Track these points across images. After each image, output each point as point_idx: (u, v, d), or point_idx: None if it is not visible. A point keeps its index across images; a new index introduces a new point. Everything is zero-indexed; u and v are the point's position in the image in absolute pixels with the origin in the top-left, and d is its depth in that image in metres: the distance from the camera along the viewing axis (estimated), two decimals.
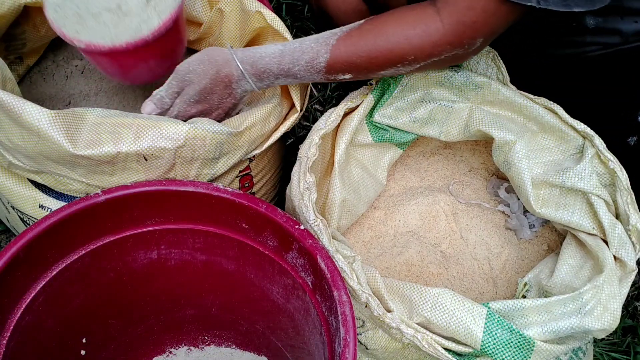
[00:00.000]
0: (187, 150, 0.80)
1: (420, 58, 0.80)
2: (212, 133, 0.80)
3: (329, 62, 0.82)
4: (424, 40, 0.78)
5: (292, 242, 0.77)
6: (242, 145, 0.86)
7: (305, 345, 0.86)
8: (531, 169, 0.87)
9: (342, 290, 0.71)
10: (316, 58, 0.82)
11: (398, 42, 0.79)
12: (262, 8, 0.95)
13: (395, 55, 0.79)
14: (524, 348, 0.73)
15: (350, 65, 0.81)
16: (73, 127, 0.76)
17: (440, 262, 0.98)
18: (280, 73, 0.83)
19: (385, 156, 0.96)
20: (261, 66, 0.83)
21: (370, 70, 0.82)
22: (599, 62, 0.93)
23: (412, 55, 0.79)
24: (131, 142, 0.77)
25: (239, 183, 0.95)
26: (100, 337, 0.89)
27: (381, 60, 0.80)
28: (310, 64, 0.82)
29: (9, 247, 0.71)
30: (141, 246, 0.85)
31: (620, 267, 0.80)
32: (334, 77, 0.84)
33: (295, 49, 0.83)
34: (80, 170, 0.80)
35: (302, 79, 0.84)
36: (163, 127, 0.78)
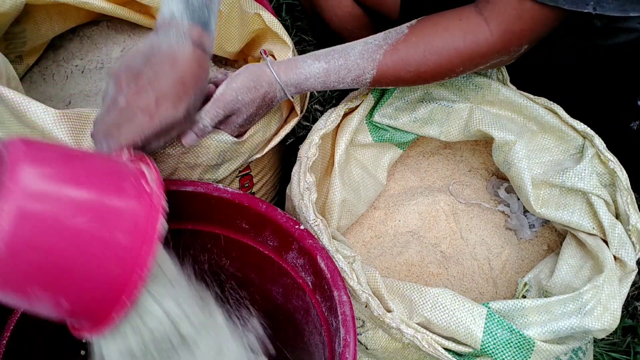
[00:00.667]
0: (191, 157, 0.81)
1: (468, 68, 0.79)
2: (216, 142, 0.80)
3: (375, 78, 0.80)
4: (474, 52, 0.77)
5: (292, 242, 0.77)
6: (245, 152, 0.86)
7: (306, 345, 0.86)
8: (531, 169, 0.87)
9: (342, 290, 0.70)
10: (362, 75, 0.80)
11: (448, 56, 0.77)
12: (260, 10, 0.94)
13: (444, 68, 0.78)
14: (524, 348, 0.73)
15: (397, 79, 0.80)
16: (78, 127, 0.76)
17: (440, 262, 0.98)
18: (324, 89, 0.83)
19: (385, 156, 0.96)
20: (305, 87, 0.80)
21: (416, 82, 0.81)
22: (607, 57, 0.92)
23: (461, 67, 0.78)
24: None
25: (239, 183, 0.95)
26: None
27: (429, 74, 0.79)
28: (355, 81, 0.80)
29: None
30: None
31: (620, 267, 0.80)
32: (375, 86, 0.83)
33: (341, 67, 0.79)
34: None
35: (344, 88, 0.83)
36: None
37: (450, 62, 0.78)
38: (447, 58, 0.77)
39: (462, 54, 0.77)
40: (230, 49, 1.00)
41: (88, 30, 1.09)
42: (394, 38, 0.79)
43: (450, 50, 0.77)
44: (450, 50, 0.77)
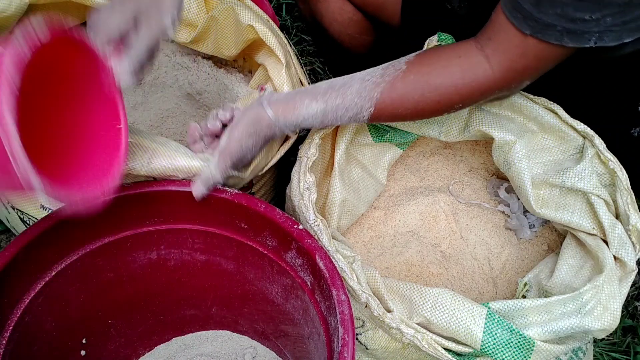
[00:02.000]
0: None
1: (467, 104, 0.78)
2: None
3: (373, 115, 0.79)
4: (473, 89, 0.76)
5: (291, 242, 0.77)
6: (247, 178, 0.87)
7: (305, 344, 0.86)
8: (531, 169, 0.87)
9: (341, 290, 0.70)
10: (360, 112, 0.79)
11: (447, 94, 0.77)
12: (254, 21, 0.94)
13: (443, 105, 0.78)
14: (524, 348, 0.73)
15: (395, 115, 0.80)
16: None
17: (440, 262, 0.98)
18: (323, 127, 0.84)
19: (385, 156, 0.96)
20: (304, 126, 0.81)
21: (414, 118, 0.81)
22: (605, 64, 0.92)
23: (460, 103, 0.78)
24: (144, 164, 0.77)
25: None
26: (100, 337, 0.90)
27: (427, 111, 0.79)
28: (353, 118, 0.80)
29: (8, 248, 0.71)
30: (140, 246, 0.85)
31: (620, 267, 0.79)
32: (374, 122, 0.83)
33: (338, 106, 0.78)
34: None
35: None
36: (177, 159, 0.78)
37: (449, 99, 0.77)
38: (446, 96, 0.77)
39: (460, 92, 0.76)
40: (227, 52, 1.01)
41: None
42: (391, 75, 0.78)
43: (449, 87, 0.76)
44: (449, 88, 0.76)
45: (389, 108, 0.78)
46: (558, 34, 0.70)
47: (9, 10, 0.90)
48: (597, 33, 0.69)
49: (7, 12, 0.90)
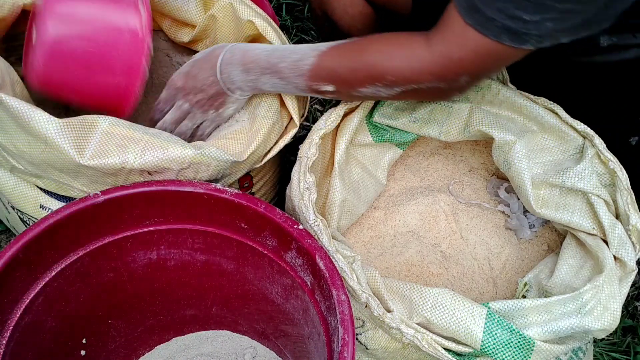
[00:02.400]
0: (190, 172, 0.81)
1: (399, 81, 0.78)
2: (216, 161, 0.81)
3: (314, 66, 0.81)
4: (406, 64, 0.77)
5: (291, 242, 0.77)
6: (244, 168, 0.87)
7: (305, 344, 0.86)
8: (531, 169, 0.86)
9: (341, 290, 0.71)
10: (303, 59, 0.82)
11: (381, 60, 0.78)
12: (254, 17, 0.95)
13: (376, 72, 0.78)
14: (524, 348, 0.73)
15: (333, 74, 0.81)
16: (82, 136, 0.76)
17: (440, 262, 0.98)
18: (267, 66, 0.83)
19: (385, 156, 0.96)
20: (252, 55, 0.84)
21: (351, 84, 0.81)
22: (609, 72, 0.92)
23: (392, 76, 0.78)
24: (136, 157, 0.77)
25: (239, 183, 0.95)
26: (100, 337, 0.90)
27: (361, 74, 0.79)
28: (296, 64, 0.82)
29: (8, 248, 0.71)
30: (141, 246, 0.85)
31: (620, 267, 0.79)
32: (316, 85, 0.83)
33: (287, 48, 0.84)
34: (82, 180, 0.80)
35: (287, 81, 0.84)
36: (170, 149, 0.79)
37: (382, 66, 0.78)
38: (380, 62, 0.78)
39: (393, 62, 0.77)
40: None
41: None
42: (343, 41, 0.82)
43: (384, 55, 0.78)
44: (384, 55, 0.78)
45: (328, 63, 0.81)
46: (497, 30, 0.70)
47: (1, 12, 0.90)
48: (537, 36, 0.69)
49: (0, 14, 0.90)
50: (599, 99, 0.97)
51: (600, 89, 0.96)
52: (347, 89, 0.82)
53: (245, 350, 0.97)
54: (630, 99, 0.95)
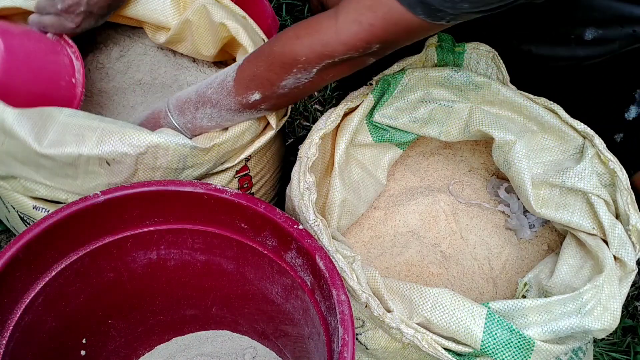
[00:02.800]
0: (149, 158, 0.81)
1: (312, 59, 0.76)
2: (174, 144, 0.81)
3: (236, 79, 0.82)
4: (315, 39, 0.75)
5: (291, 242, 0.77)
6: (209, 160, 0.86)
7: (305, 344, 0.86)
8: (531, 169, 0.87)
9: (341, 290, 0.71)
10: (225, 78, 0.83)
11: (290, 43, 0.77)
12: (227, 19, 0.94)
13: (288, 57, 0.77)
14: (524, 348, 0.73)
15: (254, 78, 0.81)
16: (39, 124, 0.77)
17: (440, 262, 0.98)
18: (198, 100, 0.85)
19: (385, 156, 0.96)
20: (184, 97, 0.86)
21: (272, 81, 0.80)
22: (593, 69, 0.93)
23: (303, 55, 0.76)
24: (93, 145, 0.77)
25: (238, 184, 0.95)
26: (100, 337, 0.90)
27: (277, 66, 0.78)
28: (221, 85, 0.83)
29: (8, 248, 0.71)
30: (141, 246, 0.85)
31: (620, 267, 0.79)
32: (244, 98, 0.82)
33: (213, 76, 0.86)
34: (44, 173, 0.81)
35: (219, 107, 0.84)
36: (126, 134, 0.79)
37: (292, 49, 0.76)
38: (289, 45, 0.77)
39: (302, 41, 0.76)
40: (206, 53, 1.00)
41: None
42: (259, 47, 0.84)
43: (291, 38, 0.77)
44: (291, 38, 0.77)
45: (247, 69, 0.81)
46: (413, 0, 0.68)
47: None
48: (452, 15, 0.68)
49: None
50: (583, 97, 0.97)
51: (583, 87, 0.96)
52: (271, 89, 0.81)
53: (245, 350, 0.97)
54: (613, 96, 0.95)
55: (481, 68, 0.93)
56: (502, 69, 0.93)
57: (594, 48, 0.89)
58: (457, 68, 0.90)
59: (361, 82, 0.92)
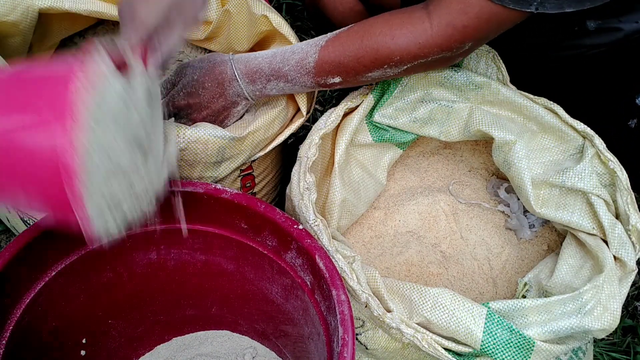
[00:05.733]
0: (189, 154, 0.81)
1: (406, 59, 0.78)
2: (214, 137, 0.81)
3: (318, 62, 0.81)
4: (410, 41, 0.77)
5: (291, 242, 0.77)
6: (245, 150, 0.86)
7: (305, 344, 0.86)
8: (531, 169, 0.86)
9: (341, 290, 0.71)
10: (305, 58, 0.82)
11: (384, 42, 0.78)
12: (268, 11, 0.94)
13: (382, 55, 0.78)
14: (524, 348, 0.73)
15: (338, 65, 0.81)
16: None
17: (440, 262, 0.98)
18: (272, 73, 0.83)
19: (385, 156, 0.96)
20: (254, 65, 0.84)
21: (358, 71, 0.81)
22: (599, 59, 0.93)
23: (398, 55, 0.78)
24: None
25: (241, 182, 0.95)
26: (100, 337, 0.90)
27: (367, 60, 0.79)
28: (299, 64, 0.82)
29: (8, 248, 0.71)
30: (141, 246, 0.85)
31: (620, 267, 0.79)
32: (324, 79, 0.83)
33: (287, 50, 0.83)
34: None
35: (294, 82, 0.84)
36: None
37: (387, 48, 0.78)
38: (384, 44, 0.78)
39: (398, 42, 0.77)
40: (239, 48, 1.00)
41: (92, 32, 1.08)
42: (340, 30, 0.82)
43: (386, 36, 0.78)
44: (386, 37, 0.78)
45: (332, 55, 0.81)
46: None
47: (12, 15, 0.88)
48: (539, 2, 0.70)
49: (11, 17, 0.88)
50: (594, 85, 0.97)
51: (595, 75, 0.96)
52: (354, 77, 0.82)
53: (245, 350, 0.97)
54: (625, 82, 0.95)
55: (481, 68, 0.93)
56: (502, 69, 0.93)
57: (599, 37, 0.89)
58: (457, 68, 0.90)
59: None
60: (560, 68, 0.97)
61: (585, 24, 0.89)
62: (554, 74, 0.98)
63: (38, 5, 0.89)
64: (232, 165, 0.87)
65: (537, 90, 0.91)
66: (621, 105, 0.95)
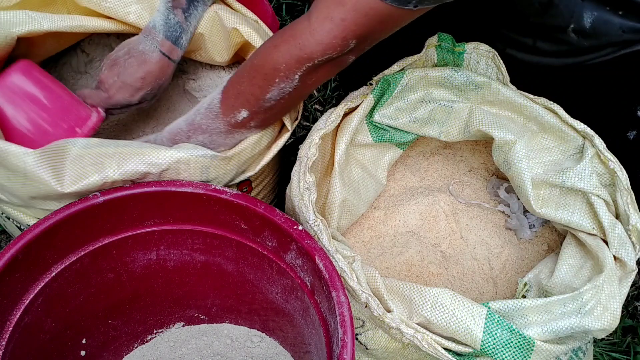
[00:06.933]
0: (172, 173, 0.80)
1: (292, 65, 0.75)
2: (195, 157, 0.80)
3: (222, 101, 0.82)
4: (291, 45, 0.74)
5: (291, 243, 0.77)
6: (231, 170, 0.86)
7: (305, 345, 0.86)
8: (531, 169, 0.86)
9: (340, 291, 0.70)
10: (212, 102, 0.83)
11: (269, 54, 0.76)
12: (238, 24, 0.94)
13: (269, 67, 0.76)
14: (524, 348, 0.73)
15: (238, 95, 0.80)
16: (58, 164, 0.75)
17: (440, 262, 0.98)
18: (189, 129, 0.84)
19: (385, 156, 0.96)
20: (174, 129, 0.86)
21: (257, 96, 0.79)
22: (599, 69, 0.93)
23: (283, 63, 0.75)
24: (115, 170, 0.76)
25: (237, 188, 0.95)
26: (100, 338, 0.90)
27: (259, 78, 0.78)
28: (208, 109, 0.83)
29: (8, 249, 0.71)
30: (140, 247, 0.85)
31: (620, 267, 0.79)
32: (233, 118, 0.82)
33: (200, 103, 0.85)
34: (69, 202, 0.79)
35: (210, 132, 0.84)
36: (146, 154, 0.78)
37: (271, 59, 0.76)
38: (268, 55, 0.76)
39: (280, 49, 0.75)
40: (219, 59, 1.00)
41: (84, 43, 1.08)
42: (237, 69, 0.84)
43: (269, 48, 0.76)
44: (269, 48, 0.76)
45: (231, 88, 0.82)
46: None
47: None
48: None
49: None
50: (596, 96, 0.97)
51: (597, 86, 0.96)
52: (257, 104, 0.80)
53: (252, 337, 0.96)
54: (625, 93, 0.95)
55: (481, 68, 0.93)
56: (502, 69, 0.93)
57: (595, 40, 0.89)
58: (457, 68, 0.90)
59: (361, 82, 0.92)
60: (560, 77, 0.97)
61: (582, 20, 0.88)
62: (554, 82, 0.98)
63: (16, 33, 0.85)
64: (219, 184, 0.86)
65: (537, 90, 0.91)
66: (620, 115, 0.95)
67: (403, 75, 0.89)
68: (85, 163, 0.76)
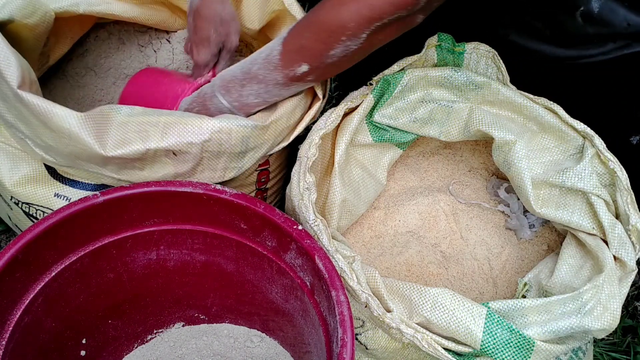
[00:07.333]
0: (214, 144, 0.80)
1: (362, 24, 0.75)
2: (237, 126, 0.80)
3: (282, 53, 0.80)
4: (361, 3, 0.74)
5: (291, 243, 0.77)
6: (268, 139, 0.86)
7: (305, 345, 0.86)
8: (531, 169, 0.86)
9: (340, 291, 0.70)
10: (271, 53, 0.82)
11: (336, 12, 0.75)
12: None
13: (336, 25, 0.76)
14: (524, 348, 0.73)
15: (301, 49, 0.80)
16: (102, 128, 0.76)
17: (440, 262, 0.98)
18: (244, 77, 0.84)
19: (385, 156, 0.96)
20: (227, 75, 0.85)
21: (320, 52, 0.79)
22: (602, 70, 0.92)
23: (352, 22, 0.75)
24: (159, 139, 0.77)
25: (257, 177, 0.95)
26: (100, 338, 0.90)
27: (325, 35, 0.77)
28: (267, 60, 0.82)
29: (7, 249, 0.71)
30: (140, 247, 0.85)
31: (620, 267, 0.79)
32: (292, 71, 0.81)
33: (257, 52, 0.84)
34: (111, 167, 0.80)
35: (266, 82, 0.83)
36: (189, 123, 0.78)
37: (340, 17, 0.75)
38: (336, 14, 0.75)
39: (349, 7, 0.74)
40: (250, 25, 1.00)
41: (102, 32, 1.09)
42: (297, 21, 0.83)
43: (336, 5, 0.75)
44: (337, 5, 0.75)
45: (293, 41, 0.80)
46: None
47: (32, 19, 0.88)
48: None
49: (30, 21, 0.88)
50: (598, 99, 0.97)
51: (599, 88, 0.96)
52: (319, 60, 0.80)
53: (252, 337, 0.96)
54: (628, 97, 0.95)
55: (481, 68, 0.93)
56: (502, 69, 0.93)
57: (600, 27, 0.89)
58: (457, 68, 0.90)
59: (361, 82, 0.92)
60: (560, 77, 0.97)
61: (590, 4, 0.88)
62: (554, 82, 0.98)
63: (54, 9, 0.89)
64: (256, 155, 0.86)
65: (537, 90, 0.91)
66: (623, 120, 0.95)
67: (403, 75, 0.89)
68: (129, 130, 0.77)
